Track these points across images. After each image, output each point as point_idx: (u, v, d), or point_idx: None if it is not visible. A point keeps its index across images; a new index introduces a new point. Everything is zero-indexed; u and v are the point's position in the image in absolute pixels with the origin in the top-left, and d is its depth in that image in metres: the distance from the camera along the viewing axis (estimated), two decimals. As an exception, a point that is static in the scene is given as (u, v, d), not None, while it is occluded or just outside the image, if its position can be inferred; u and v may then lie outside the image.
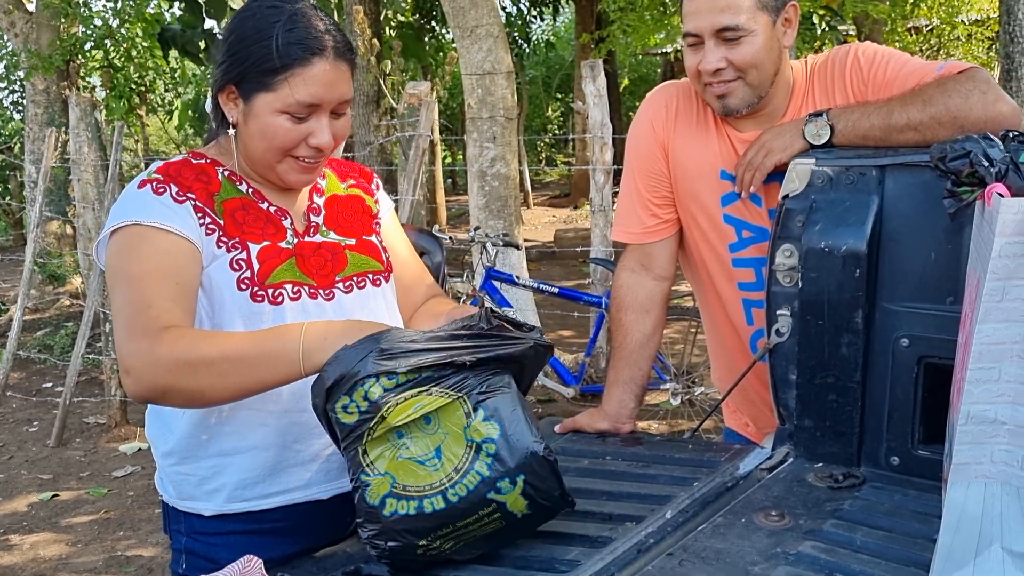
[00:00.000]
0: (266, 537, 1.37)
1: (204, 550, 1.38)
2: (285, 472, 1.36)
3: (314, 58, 1.27)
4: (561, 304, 5.71)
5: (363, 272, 1.42)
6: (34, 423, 5.40)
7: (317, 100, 1.29)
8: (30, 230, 6.20)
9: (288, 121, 1.29)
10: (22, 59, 9.36)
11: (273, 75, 1.27)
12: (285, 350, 1.17)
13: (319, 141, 1.31)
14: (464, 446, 1.08)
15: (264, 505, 1.36)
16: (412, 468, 1.08)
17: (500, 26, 5.56)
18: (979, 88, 1.38)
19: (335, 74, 1.29)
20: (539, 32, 21.14)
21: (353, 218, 1.47)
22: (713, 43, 1.50)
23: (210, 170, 1.36)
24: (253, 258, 1.32)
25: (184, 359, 1.17)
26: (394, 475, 1.08)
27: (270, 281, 1.31)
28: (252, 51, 1.28)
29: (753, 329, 1.70)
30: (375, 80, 8.65)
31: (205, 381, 1.18)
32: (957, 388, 1.02)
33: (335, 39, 1.30)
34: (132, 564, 3.51)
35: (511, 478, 1.09)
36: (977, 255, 1.05)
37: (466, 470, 1.08)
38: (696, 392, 4.49)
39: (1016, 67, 5.69)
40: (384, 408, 1.06)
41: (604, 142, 5.09)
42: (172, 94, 16.36)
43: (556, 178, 21.62)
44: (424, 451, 1.08)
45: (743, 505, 1.24)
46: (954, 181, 1.06)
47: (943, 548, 0.95)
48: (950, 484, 1.00)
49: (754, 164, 1.52)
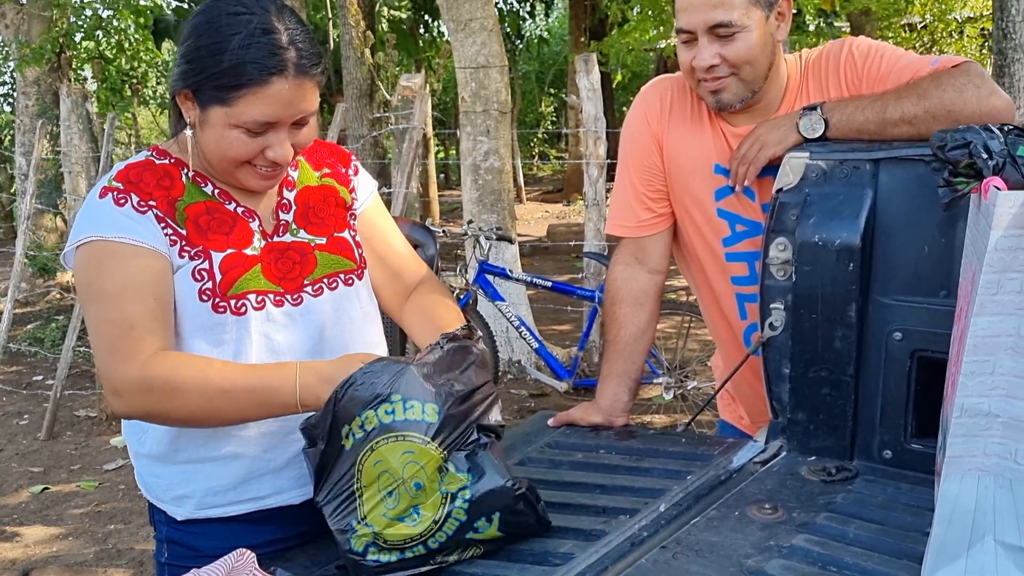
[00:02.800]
0: (245, 525, 1.37)
1: (184, 539, 1.39)
2: (257, 480, 1.35)
3: (272, 78, 1.20)
4: (554, 298, 5.71)
5: (333, 273, 1.39)
6: (24, 416, 5.37)
7: (273, 119, 1.23)
8: (21, 222, 6.16)
9: (244, 135, 1.24)
10: (12, 50, 9.30)
11: (228, 91, 1.21)
12: (283, 384, 1.19)
13: (275, 155, 1.26)
14: (440, 500, 1.11)
15: (233, 512, 1.36)
16: (394, 525, 1.11)
17: (494, 20, 5.54)
18: (973, 82, 1.38)
19: (294, 92, 1.23)
20: (532, 28, 21.11)
21: (325, 213, 1.42)
22: (707, 39, 1.49)
23: (174, 172, 1.32)
24: (216, 268, 1.28)
25: (174, 387, 1.19)
26: (377, 530, 1.10)
27: (233, 292, 1.28)
28: (207, 64, 1.21)
29: (747, 323, 1.70)
30: (369, 73, 8.62)
31: (196, 408, 1.20)
32: (951, 381, 1.02)
33: (299, 53, 1.23)
34: (123, 557, 3.50)
35: (487, 516, 1.12)
36: (973, 248, 1.05)
37: (444, 519, 1.11)
38: (689, 386, 4.50)
39: (1009, 63, 5.70)
40: (375, 441, 1.10)
41: (598, 136, 5.09)
42: (164, 87, 16.30)
43: (549, 173, 21.61)
44: (403, 510, 1.10)
45: (737, 498, 1.25)
46: (951, 171, 1.05)
47: (936, 540, 0.95)
48: (944, 476, 1.00)
49: (748, 158, 1.52)
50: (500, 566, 1.14)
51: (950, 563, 0.91)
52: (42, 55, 8.86)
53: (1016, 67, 5.70)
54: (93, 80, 11.14)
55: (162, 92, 16.75)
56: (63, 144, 5.29)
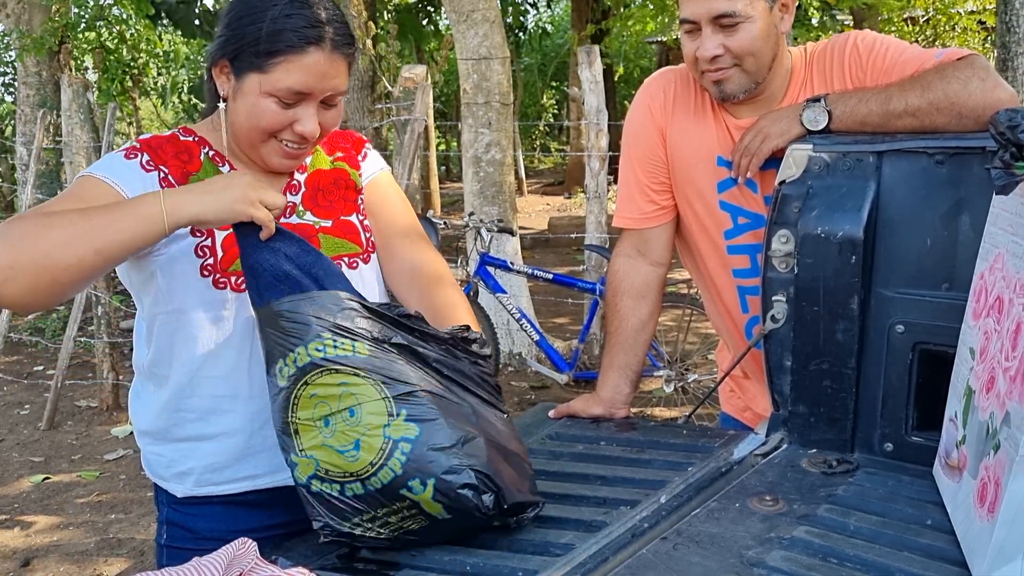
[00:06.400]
0: (243, 508, 1.39)
1: (183, 520, 1.40)
2: (253, 457, 1.36)
3: (309, 47, 1.25)
4: (555, 291, 5.71)
5: (337, 256, 1.40)
6: (25, 406, 5.38)
7: (307, 89, 1.27)
8: (21, 213, 6.15)
9: (275, 104, 1.27)
10: (14, 40, 9.28)
11: (266, 57, 1.25)
12: (144, 202, 1.15)
13: (304, 129, 1.29)
14: (381, 445, 1.10)
15: (232, 489, 1.38)
16: (334, 455, 1.11)
17: (496, 11, 5.53)
18: (978, 75, 1.37)
19: (329, 66, 1.27)
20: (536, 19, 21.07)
21: (334, 196, 1.44)
22: (710, 30, 1.49)
23: (194, 149, 1.36)
24: (218, 245, 1.31)
25: (29, 217, 1.16)
26: (318, 459, 1.11)
27: (234, 268, 1.31)
28: (249, 31, 1.26)
29: (748, 316, 1.70)
30: (370, 64, 8.61)
31: (51, 239, 1.11)
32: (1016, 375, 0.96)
33: (336, 31, 1.28)
34: (124, 547, 3.51)
35: (422, 480, 1.10)
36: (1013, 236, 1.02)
37: (381, 464, 1.10)
38: (689, 379, 4.50)
39: (1012, 56, 5.69)
40: (310, 374, 1.10)
41: (600, 128, 5.08)
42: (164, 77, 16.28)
43: (550, 166, 21.58)
44: (344, 443, 1.10)
45: (737, 490, 1.25)
46: (1013, 154, 1.00)
47: (996, 541, 0.93)
48: (1012, 476, 0.93)
49: (751, 150, 1.52)
50: (500, 556, 1.14)
51: (1006, 563, 0.91)
52: (43, 45, 8.84)
53: (1019, 60, 5.68)
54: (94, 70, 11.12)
55: (163, 83, 16.73)
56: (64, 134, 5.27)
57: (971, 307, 1.17)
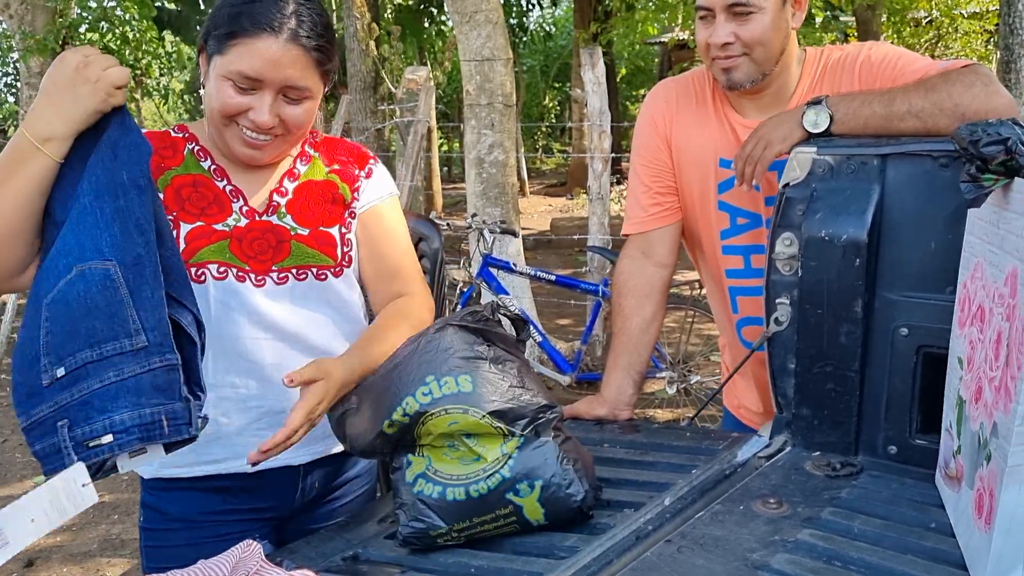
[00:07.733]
0: (209, 494, 1.42)
1: (155, 502, 1.44)
2: (214, 443, 1.39)
3: (263, 33, 1.27)
4: (558, 292, 5.71)
5: (305, 265, 1.40)
6: (29, 407, 5.39)
7: (256, 75, 1.28)
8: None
9: (231, 88, 1.29)
10: (17, 41, 9.30)
11: (225, 40, 1.29)
12: (17, 140, 1.13)
13: (256, 117, 1.31)
14: (498, 457, 1.16)
15: (197, 472, 1.41)
16: (448, 459, 1.17)
17: (499, 12, 5.53)
18: (981, 80, 1.38)
19: (283, 56, 1.28)
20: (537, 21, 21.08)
21: (319, 206, 1.44)
22: (724, 17, 1.54)
23: (179, 144, 1.39)
24: (182, 238, 1.33)
25: None
26: (431, 458, 1.18)
27: (194, 260, 1.33)
28: (217, 15, 1.31)
29: (738, 317, 1.73)
30: (373, 65, 8.62)
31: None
32: (1000, 386, 0.96)
33: (300, 23, 1.29)
34: (126, 547, 3.51)
35: (529, 481, 1.15)
36: (996, 246, 1.01)
37: (492, 473, 1.16)
38: (692, 381, 4.50)
39: (1016, 58, 5.69)
40: (425, 415, 1.16)
41: (602, 130, 5.08)
42: (167, 78, 16.31)
43: (553, 167, 21.59)
44: (464, 453, 1.17)
45: (741, 493, 1.25)
46: (979, 167, 1.02)
47: (994, 552, 0.93)
48: (1004, 486, 0.93)
49: (754, 157, 1.51)
50: (505, 559, 1.14)
51: (1007, 574, 0.91)
52: (46, 46, 8.86)
53: (1023, 63, 5.69)
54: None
55: (165, 84, 16.75)
56: (67, 135, 5.29)
57: (956, 316, 1.17)
